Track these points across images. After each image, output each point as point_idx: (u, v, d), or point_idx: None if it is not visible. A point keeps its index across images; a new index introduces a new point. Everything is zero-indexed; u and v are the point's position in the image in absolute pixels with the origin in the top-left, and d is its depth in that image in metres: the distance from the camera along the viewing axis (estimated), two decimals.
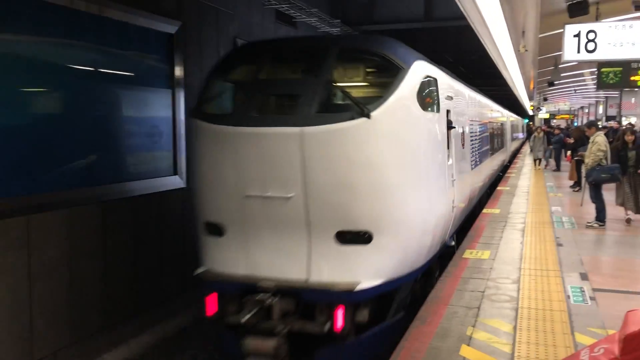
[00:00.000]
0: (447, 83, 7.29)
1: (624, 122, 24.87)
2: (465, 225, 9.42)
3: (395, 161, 5.25)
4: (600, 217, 9.53)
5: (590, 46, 8.29)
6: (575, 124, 48.92)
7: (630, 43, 8.18)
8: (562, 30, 8.57)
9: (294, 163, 5.01)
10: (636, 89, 21.15)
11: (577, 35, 8.34)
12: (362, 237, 5.14)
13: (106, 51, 6.84)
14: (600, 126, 14.08)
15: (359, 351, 5.35)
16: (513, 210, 11.49)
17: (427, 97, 6.00)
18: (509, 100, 43.24)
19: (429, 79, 6.08)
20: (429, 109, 6.02)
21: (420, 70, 5.81)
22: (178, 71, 8.01)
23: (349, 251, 5.15)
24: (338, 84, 5.61)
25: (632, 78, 12.56)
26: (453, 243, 7.96)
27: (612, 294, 5.93)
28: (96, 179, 6.63)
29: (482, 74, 26.44)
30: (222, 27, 9.19)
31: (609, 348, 3.25)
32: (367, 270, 5.15)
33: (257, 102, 5.52)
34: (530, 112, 48.58)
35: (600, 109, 40.72)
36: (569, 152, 16.44)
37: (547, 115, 53.52)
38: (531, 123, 47.84)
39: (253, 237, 5.32)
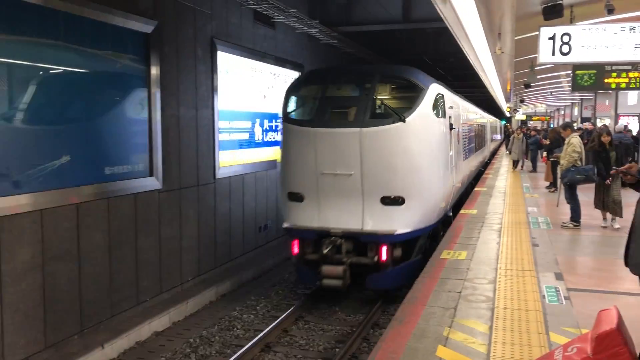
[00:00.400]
0: (449, 97, 9.93)
1: (599, 123, 25.27)
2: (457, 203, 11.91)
3: (420, 151, 7.80)
4: (575, 217, 9.66)
5: (565, 49, 8.37)
6: (552, 125, 49.58)
7: (604, 46, 8.27)
8: (537, 32, 8.65)
9: (354, 152, 7.44)
10: (610, 91, 21.51)
11: (552, 38, 8.40)
12: (398, 201, 7.63)
13: (80, 50, 6.72)
14: (575, 128, 14.28)
15: (394, 277, 7.92)
16: (490, 210, 11.59)
17: (438, 107, 8.54)
18: (486, 102, 43.73)
19: (439, 95, 8.65)
20: (439, 115, 8.58)
21: (434, 89, 8.41)
22: (154, 71, 7.90)
23: (389, 210, 7.63)
24: (382, 99, 8.07)
25: (606, 80, 12.76)
26: (450, 214, 10.47)
27: (586, 294, 6.01)
28: (68, 180, 6.51)
29: (460, 75, 26.73)
30: (200, 27, 9.11)
31: (581, 347, 3.29)
32: (401, 222, 7.66)
33: (328, 111, 7.96)
34: (507, 114, 49.11)
35: (576, 111, 41.33)
36: (544, 153, 16.66)
37: (523, 117, 54.11)
38: (508, 125, 48.38)
39: (324, 201, 7.82)
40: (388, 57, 19.96)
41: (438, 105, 8.54)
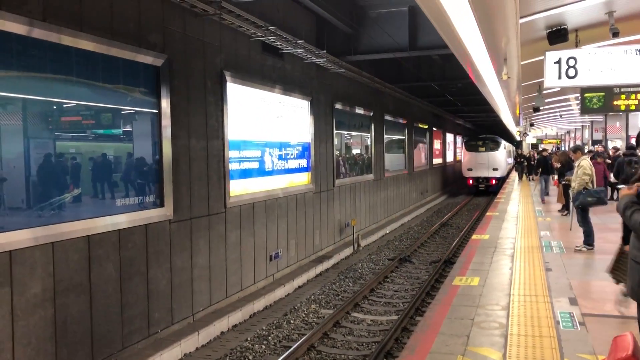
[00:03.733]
0: (506, 144, 38.47)
1: (610, 145, 25.12)
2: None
3: (501, 158, 34.24)
4: (589, 240, 9.55)
5: (571, 72, 8.38)
6: (562, 148, 49.35)
7: (610, 69, 8.29)
8: (543, 57, 8.68)
9: (486, 158, 34.03)
10: (620, 113, 21.40)
11: (558, 62, 8.42)
12: (496, 169, 33.87)
13: (91, 85, 6.86)
14: (586, 150, 14.20)
15: (496, 188, 32.20)
16: (502, 235, 11.50)
17: (505, 146, 36.86)
18: (496, 126, 43.70)
19: (504, 143, 36.43)
20: (505, 149, 35.60)
21: (503, 141, 36.13)
22: (164, 103, 8.01)
23: (495, 172, 33.86)
24: (492, 144, 34.55)
25: (615, 102, 12.71)
26: (506, 175, 36.17)
27: (602, 319, 5.92)
28: (79, 213, 6.59)
29: (468, 101, 26.78)
30: (209, 59, 9.26)
31: None
32: (497, 174, 33.94)
33: (478, 147, 34.67)
34: (518, 138, 49.02)
35: (587, 133, 41.15)
36: (555, 177, 16.58)
37: (534, 140, 53.97)
38: (519, 150, 48.27)
39: (478, 169, 34.28)
40: (395, 83, 20.10)
41: (506, 146, 36.92)
